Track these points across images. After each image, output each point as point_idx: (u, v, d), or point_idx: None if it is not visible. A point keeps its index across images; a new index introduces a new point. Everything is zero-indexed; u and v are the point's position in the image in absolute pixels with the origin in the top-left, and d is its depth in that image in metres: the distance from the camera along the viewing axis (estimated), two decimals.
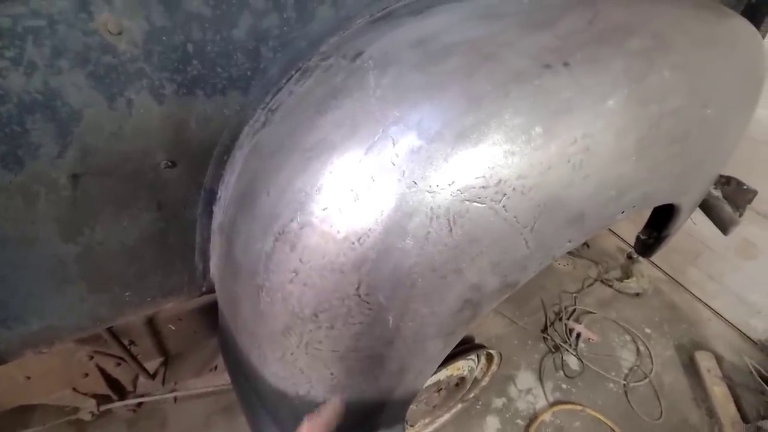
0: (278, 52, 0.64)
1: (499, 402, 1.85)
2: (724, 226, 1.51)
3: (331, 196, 0.50)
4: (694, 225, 1.94)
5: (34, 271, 0.64)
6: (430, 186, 0.48)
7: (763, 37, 1.25)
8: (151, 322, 1.03)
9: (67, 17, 0.48)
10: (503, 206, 0.52)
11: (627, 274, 2.50)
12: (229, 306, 0.71)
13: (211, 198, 0.72)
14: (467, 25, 0.57)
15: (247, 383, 0.77)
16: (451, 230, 0.51)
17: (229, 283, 0.68)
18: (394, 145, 0.48)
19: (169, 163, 0.64)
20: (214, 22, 0.57)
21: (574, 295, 2.39)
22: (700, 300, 2.40)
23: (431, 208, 0.49)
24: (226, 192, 0.70)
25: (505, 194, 0.51)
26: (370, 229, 0.49)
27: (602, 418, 1.80)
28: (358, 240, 0.49)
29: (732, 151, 1.09)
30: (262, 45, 0.62)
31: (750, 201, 1.50)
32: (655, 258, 2.62)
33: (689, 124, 0.69)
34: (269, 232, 0.54)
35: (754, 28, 0.89)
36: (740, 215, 1.52)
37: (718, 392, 1.86)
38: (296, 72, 0.66)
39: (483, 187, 0.50)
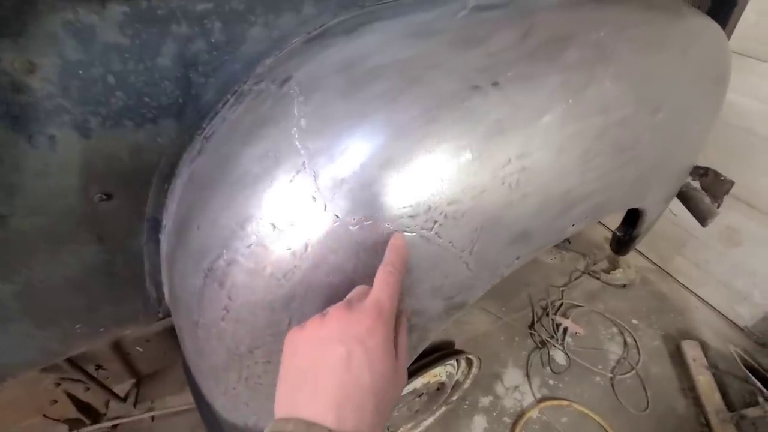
0: (210, 77, 0.62)
1: (486, 400, 1.86)
2: (702, 216, 1.50)
3: (256, 233, 0.48)
4: (674, 216, 1.94)
5: None
6: (353, 219, 0.47)
7: (732, 30, 1.23)
8: (117, 346, 1.02)
9: None
10: (435, 233, 0.51)
11: (614, 266, 2.50)
12: (179, 336, 0.70)
13: (157, 226, 0.71)
14: (397, 45, 0.55)
15: (207, 410, 0.76)
16: None
17: (174, 315, 0.67)
18: (315, 178, 0.47)
19: (104, 196, 0.63)
20: (134, 52, 0.55)
21: (561, 289, 2.39)
22: (687, 288, 2.40)
23: (357, 241, 0.47)
24: (169, 221, 0.68)
25: (436, 221, 0.50)
26: (295, 266, 0.47)
27: (589, 412, 1.80)
28: (284, 276, 0.48)
29: (699, 147, 1.08)
30: (191, 71, 0.60)
31: (727, 192, 1.49)
32: (641, 248, 2.62)
33: (639, 130, 0.68)
34: (200, 268, 0.53)
35: (713, 25, 0.87)
36: (718, 206, 1.51)
37: (703, 381, 1.86)
38: (232, 96, 0.64)
39: (411, 216, 0.48)
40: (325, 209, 0.46)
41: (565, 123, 0.56)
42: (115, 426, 1.19)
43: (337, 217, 0.46)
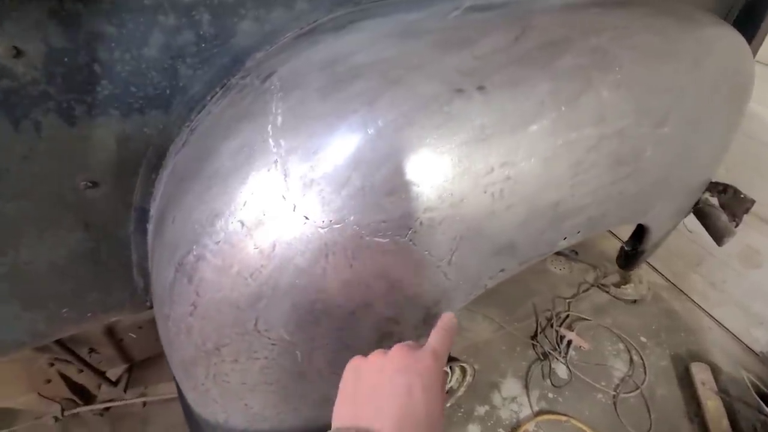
0: (198, 69, 0.61)
1: (482, 410, 1.82)
2: (719, 235, 1.44)
3: (224, 230, 0.47)
4: (690, 233, 1.86)
5: None
6: (323, 221, 0.45)
7: (761, 41, 1.16)
8: (111, 331, 1.04)
9: None
10: (410, 240, 0.49)
11: (625, 280, 2.42)
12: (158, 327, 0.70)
13: (144, 216, 0.71)
14: (383, 44, 0.54)
15: (186, 403, 0.76)
16: (351, 266, 0.48)
17: (154, 305, 0.67)
18: (285, 177, 0.46)
19: (90, 183, 0.63)
20: (120, 41, 0.55)
21: (568, 300, 2.32)
22: (701, 308, 2.31)
23: (325, 244, 0.46)
24: (155, 212, 0.68)
25: (410, 228, 0.48)
26: (262, 265, 0.47)
27: (587, 429, 1.75)
28: (251, 276, 0.47)
29: (715, 162, 1.03)
30: (179, 63, 0.60)
31: (747, 211, 1.42)
32: (656, 263, 2.53)
33: (641, 143, 0.64)
34: (172, 262, 0.53)
35: (733, 34, 0.82)
36: (736, 225, 1.45)
37: (711, 406, 1.79)
38: (220, 89, 0.63)
39: (383, 221, 0.47)
40: (294, 209, 0.45)
41: (555, 132, 0.53)
42: (107, 409, 1.21)
43: (307, 218, 0.45)
